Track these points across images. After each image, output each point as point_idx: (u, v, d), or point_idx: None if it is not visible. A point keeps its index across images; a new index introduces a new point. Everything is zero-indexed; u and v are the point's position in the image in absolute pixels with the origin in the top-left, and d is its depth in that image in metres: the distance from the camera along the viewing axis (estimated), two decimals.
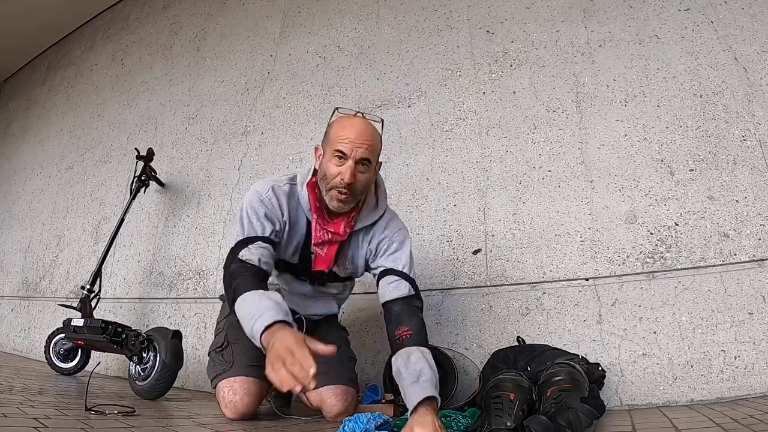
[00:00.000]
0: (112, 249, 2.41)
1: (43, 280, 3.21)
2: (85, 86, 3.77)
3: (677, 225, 1.59)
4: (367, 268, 1.48)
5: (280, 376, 0.90)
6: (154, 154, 2.58)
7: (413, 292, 1.34)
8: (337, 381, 1.45)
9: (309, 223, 1.39)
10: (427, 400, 1.12)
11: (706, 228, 1.55)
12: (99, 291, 2.24)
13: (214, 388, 1.46)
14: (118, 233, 2.41)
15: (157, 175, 2.64)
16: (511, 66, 2.02)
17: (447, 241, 1.92)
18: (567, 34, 1.95)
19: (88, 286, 2.20)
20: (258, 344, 1.07)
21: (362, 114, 1.35)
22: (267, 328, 1.04)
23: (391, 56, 2.32)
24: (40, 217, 3.50)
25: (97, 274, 2.24)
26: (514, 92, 1.98)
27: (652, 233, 1.61)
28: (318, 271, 1.43)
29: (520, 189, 1.85)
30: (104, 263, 2.29)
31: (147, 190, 2.58)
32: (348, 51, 2.47)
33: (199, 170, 2.72)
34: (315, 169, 1.39)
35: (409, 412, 1.14)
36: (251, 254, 1.25)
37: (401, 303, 1.31)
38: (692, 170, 1.62)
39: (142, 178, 2.52)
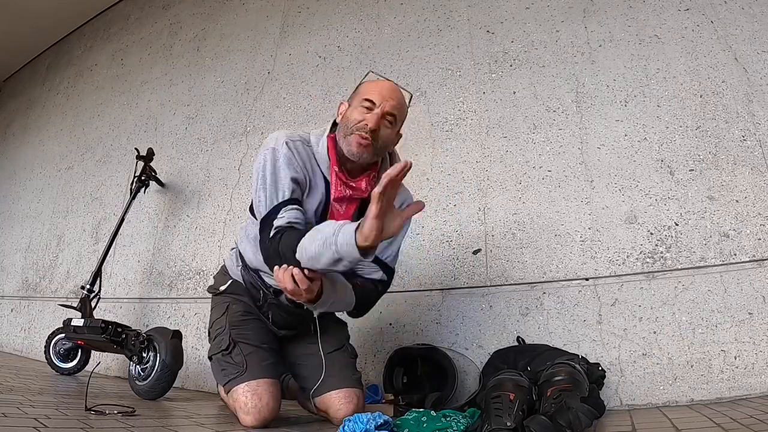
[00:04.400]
0: (112, 249, 2.41)
1: (43, 280, 3.21)
2: (85, 86, 3.77)
3: (677, 225, 1.59)
4: None
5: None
6: (154, 154, 2.59)
7: (385, 278, 1.34)
8: (342, 384, 1.38)
9: (327, 182, 1.30)
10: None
11: (706, 228, 1.55)
12: (99, 291, 2.24)
13: (227, 393, 1.34)
14: (118, 233, 2.41)
15: (157, 175, 2.64)
16: (511, 66, 2.02)
17: (447, 241, 1.92)
18: (567, 34, 1.95)
19: (88, 286, 2.20)
20: (353, 249, 1.00)
21: (394, 82, 1.35)
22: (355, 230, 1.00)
23: (391, 56, 2.32)
24: (40, 217, 3.50)
25: (97, 274, 2.24)
26: (514, 92, 1.98)
27: (652, 233, 1.61)
28: None
29: (520, 189, 1.85)
30: (104, 263, 2.29)
31: (147, 190, 2.58)
32: (348, 51, 2.46)
33: (199, 170, 2.72)
34: (335, 123, 1.33)
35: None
36: (285, 220, 1.19)
37: (363, 279, 1.31)
38: (692, 170, 1.62)
39: (142, 178, 2.52)
